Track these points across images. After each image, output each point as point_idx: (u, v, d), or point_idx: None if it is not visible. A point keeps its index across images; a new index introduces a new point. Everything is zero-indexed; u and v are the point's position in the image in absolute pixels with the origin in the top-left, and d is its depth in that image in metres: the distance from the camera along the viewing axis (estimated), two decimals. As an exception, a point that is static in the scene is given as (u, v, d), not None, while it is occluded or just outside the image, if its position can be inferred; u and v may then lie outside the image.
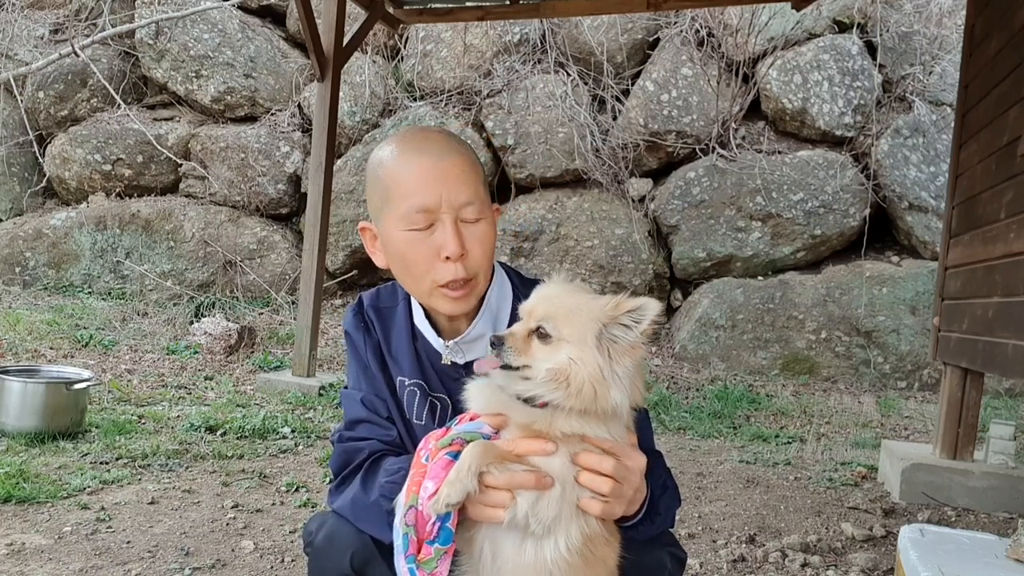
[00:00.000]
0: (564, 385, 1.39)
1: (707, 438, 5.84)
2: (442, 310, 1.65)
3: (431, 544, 1.37)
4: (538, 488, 1.37)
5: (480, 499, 1.37)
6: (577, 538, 1.40)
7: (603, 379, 1.39)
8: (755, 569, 3.33)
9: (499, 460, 1.38)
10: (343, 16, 6.41)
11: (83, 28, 9.66)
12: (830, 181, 7.88)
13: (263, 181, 8.91)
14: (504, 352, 1.43)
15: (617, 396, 1.40)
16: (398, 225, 1.59)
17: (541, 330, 1.43)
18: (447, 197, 1.57)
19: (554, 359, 1.41)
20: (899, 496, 4.39)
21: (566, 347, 1.41)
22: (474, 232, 1.60)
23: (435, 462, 1.41)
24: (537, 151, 8.34)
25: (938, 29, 8.31)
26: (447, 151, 1.60)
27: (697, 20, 8.43)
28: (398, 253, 1.63)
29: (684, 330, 7.83)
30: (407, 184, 1.58)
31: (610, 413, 1.41)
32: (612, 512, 1.44)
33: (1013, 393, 7.15)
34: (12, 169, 9.35)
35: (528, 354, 1.43)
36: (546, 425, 1.41)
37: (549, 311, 1.44)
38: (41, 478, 3.80)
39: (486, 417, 1.47)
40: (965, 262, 4.37)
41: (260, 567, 3.08)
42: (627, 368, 1.41)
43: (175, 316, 7.87)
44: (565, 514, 1.40)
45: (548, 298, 1.48)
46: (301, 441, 4.90)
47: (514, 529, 1.40)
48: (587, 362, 1.39)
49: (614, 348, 1.41)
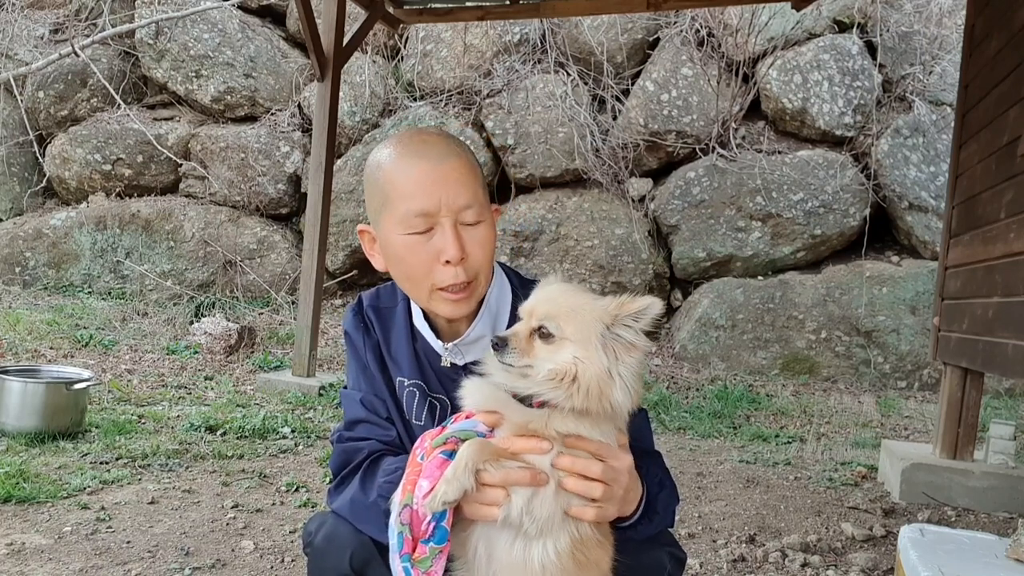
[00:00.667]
0: (568, 384, 1.39)
1: (707, 438, 5.84)
2: (442, 313, 1.64)
3: (426, 543, 1.37)
4: (533, 484, 1.37)
5: (475, 497, 1.37)
6: (567, 542, 1.40)
7: (609, 378, 1.39)
8: (755, 569, 3.33)
9: (495, 458, 1.38)
10: (343, 16, 6.41)
11: (83, 28, 9.66)
12: (830, 181, 7.88)
13: (263, 181, 8.91)
14: (506, 353, 1.42)
15: (620, 395, 1.40)
16: (397, 229, 1.58)
17: (543, 330, 1.42)
18: (446, 201, 1.56)
19: (557, 359, 1.40)
20: (899, 496, 4.39)
21: (569, 346, 1.40)
22: (474, 235, 1.59)
23: (430, 460, 1.40)
24: (537, 151, 8.34)
25: (938, 29, 8.31)
26: (446, 154, 1.59)
27: (697, 20, 8.43)
28: (397, 257, 1.62)
29: (684, 330, 7.83)
30: (405, 188, 1.57)
31: (611, 413, 1.41)
32: (605, 515, 1.44)
33: (1013, 393, 7.14)
34: (12, 169, 9.35)
35: (531, 354, 1.42)
36: (542, 425, 1.41)
37: (551, 311, 1.44)
38: (41, 478, 3.80)
39: (481, 415, 1.46)
40: (965, 262, 4.37)
41: (260, 567, 3.08)
42: (630, 367, 1.41)
43: (175, 316, 7.87)
44: (557, 516, 1.40)
45: (549, 298, 1.48)
46: (301, 441, 4.90)
47: (508, 528, 1.40)
48: (592, 361, 1.39)
49: (618, 347, 1.41)
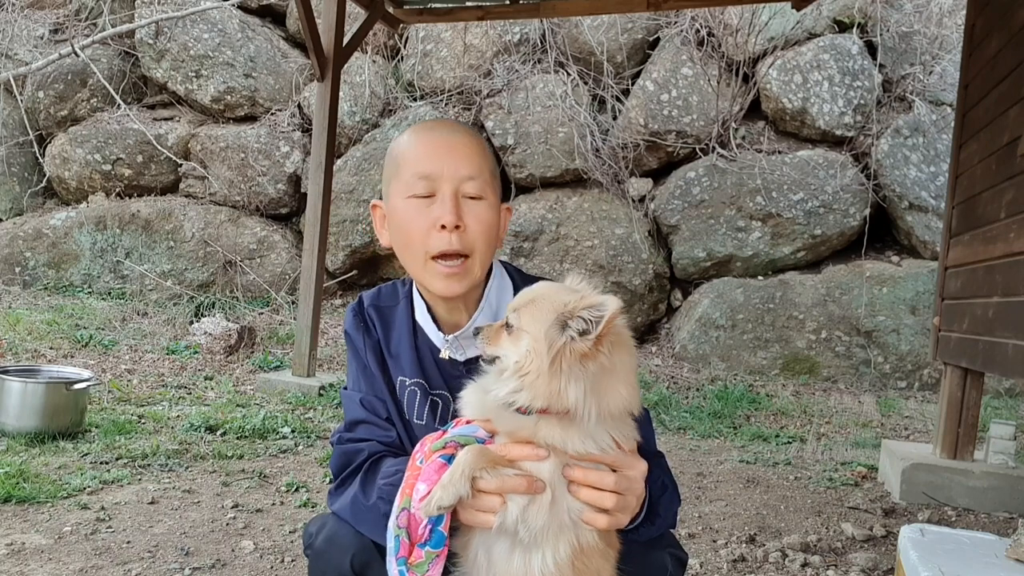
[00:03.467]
0: (530, 380, 1.32)
1: (707, 438, 5.84)
2: (435, 288, 1.63)
3: (423, 547, 1.37)
4: (529, 492, 1.35)
5: (471, 503, 1.36)
6: (566, 552, 1.37)
7: (556, 373, 1.30)
8: (755, 569, 3.33)
9: (493, 465, 1.36)
10: (343, 16, 6.41)
11: (83, 28, 9.66)
12: (830, 181, 7.88)
13: (263, 181, 8.91)
14: (479, 342, 1.43)
15: (573, 394, 1.30)
16: (402, 193, 1.62)
17: (508, 321, 1.40)
18: (450, 167, 1.59)
19: (518, 350, 1.37)
20: (899, 496, 4.39)
21: (526, 338, 1.35)
22: (473, 208, 1.61)
23: (428, 464, 1.40)
24: (537, 151, 8.34)
25: (938, 29, 8.31)
26: (458, 131, 1.66)
27: (697, 20, 8.42)
28: (398, 223, 1.64)
29: (684, 330, 7.83)
30: (414, 154, 1.63)
31: (573, 414, 1.32)
32: (618, 523, 1.43)
33: (1013, 393, 7.14)
34: (12, 169, 9.35)
35: (497, 344, 1.40)
36: (530, 434, 1.37)
37: (517, 303, 1.42)
38: (41, 478, 3.80)
39: (479, 422, 1.45)
40: (965, 262, 4.37)
41: (260, 567, 3.08)
42: (586, 366, 1.31)
43: (175, 316, 7.87)
44: (554, 525, 1.36)
45: (527, 291, 1.44)
46: (301, 441, 4.90)
47: (504, 536, 1.38)
48: (539, 352, 1.32)
49: (571, 344, 1.31)
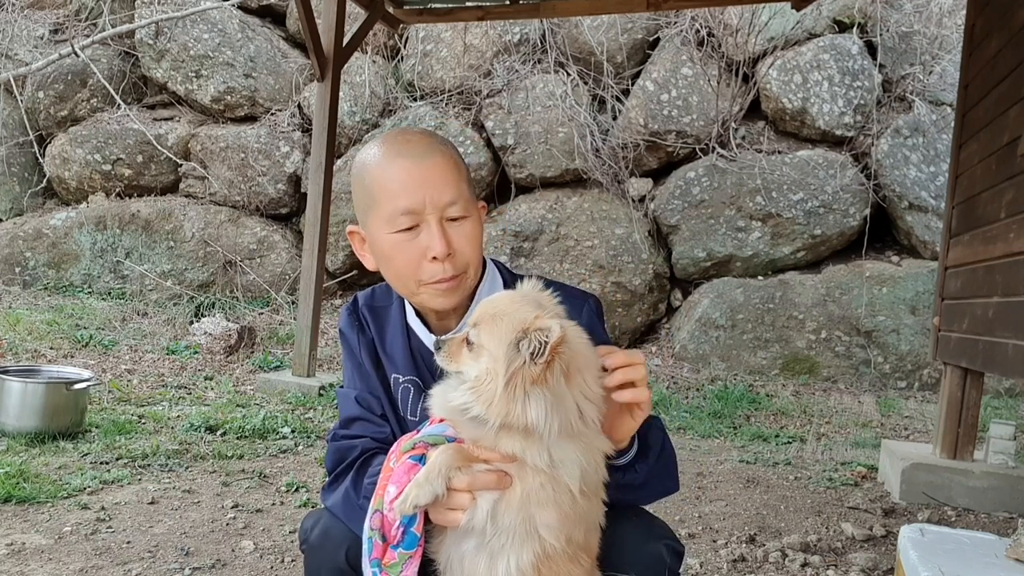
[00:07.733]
0: (487, 397, 1.32)
1: (707, 438, 5.84)
2: (432, 306, 1.65)
3: (395, 548, 1.37)
4: (499, 487, 1.35)
5: (442, 502, 1.36)
6: (529, 558, 1.36)
7: (511, 394, 1.30)
8: (755, 569, 3.33)
9: (467, 463, 1.36)
10: (343, 16, 6.41)
11: (83, 28, 9.65)
12: (830, 181, 7.88)
13: (263, 181, 8.90)
14: (439, 357, 1.42)
15: (534, 413, 1.29)
16: (384, 228, 1.61)
17: (468, 337, 1.40)
18: (431, 198, 1.58)
19: (478, 367, 1.36)
20: (899, 496, 4.39)
21: (485, 355, 1.35)
22: (460, 230, 1.61)
23: (399, 465, 1.40)
24: (537, 151, 8.33)
25: (938, 29, 8.30)
26: (428, 152, 1.61)
27: (697, 20, 8.42)
28: (385, 256, 1.64)
29: (684, 330, 7.83)
30: (390, 187, 1.60)
31: (533, 433, 1.31)
32: (646, 397, 1.42)
33: (1013, 393, 7.14)
34: (12, 169, 9.34)
35: (459, 361, 1.40)
36: (490, 442, 1.36)
37: (478, 317, 1.40)
38: (41, 478, 3.80)
39: (449, 421, 1.45)
40: (965, 262, 4.36)
41: (260, 567, 3.09)
42: (546, 386, 1.30)
43: (175, 316, 7.87)
44: (520, 531, 1.35)
45: (487, 303, 1.43)
46: (301, 441, 4.90)
47: (473, 537, 1.38)
48: (497, 373, 1.31)
49: (525, 367, 1.30)
